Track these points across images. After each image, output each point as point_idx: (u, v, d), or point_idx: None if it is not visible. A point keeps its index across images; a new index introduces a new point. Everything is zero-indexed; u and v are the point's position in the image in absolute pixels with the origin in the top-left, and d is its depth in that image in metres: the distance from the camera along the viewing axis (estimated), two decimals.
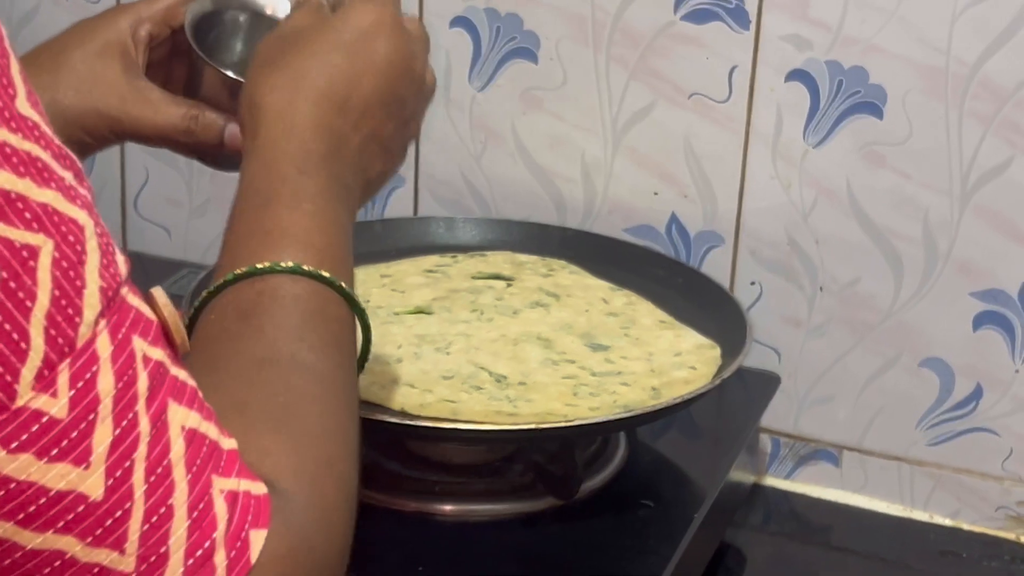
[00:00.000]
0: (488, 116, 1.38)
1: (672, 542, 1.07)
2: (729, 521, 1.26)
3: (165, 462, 0.60)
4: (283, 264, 0.74)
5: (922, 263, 1.28)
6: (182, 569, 0.60)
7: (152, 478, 0.59)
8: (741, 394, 1.30)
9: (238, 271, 0.75)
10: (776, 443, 1.38)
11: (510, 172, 1.39)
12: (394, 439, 1.14)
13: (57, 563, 0.58)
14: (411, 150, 0.93)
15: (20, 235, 0.55)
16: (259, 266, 0.74)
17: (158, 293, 0.63)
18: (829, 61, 1.26)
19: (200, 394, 0.64)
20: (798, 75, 1.27)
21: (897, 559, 1.29)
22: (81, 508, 0.58)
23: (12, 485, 0.56)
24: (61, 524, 0.58)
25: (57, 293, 0.57)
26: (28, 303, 0.56)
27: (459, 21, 1.36)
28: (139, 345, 0.60)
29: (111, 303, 0.59)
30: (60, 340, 0.57)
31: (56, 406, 0.57)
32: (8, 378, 0.55)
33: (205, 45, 0.96)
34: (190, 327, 0.75)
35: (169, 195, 1.51)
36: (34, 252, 0.56)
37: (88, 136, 0.94)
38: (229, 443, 0.64)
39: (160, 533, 0.59)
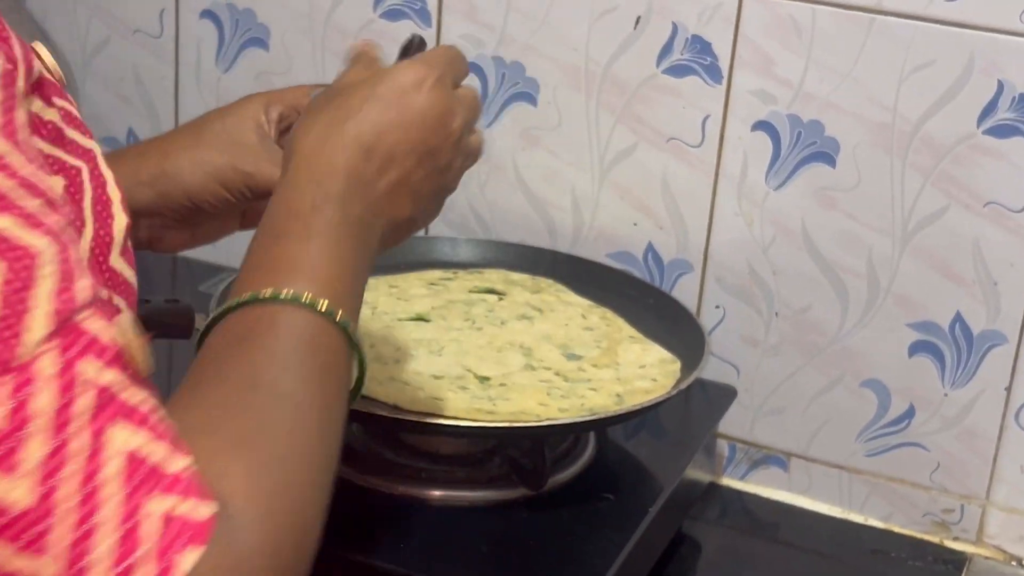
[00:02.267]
0: (492, 150, 1.37)
1: (628, 531, 1.08)
2: (685, 515, 1.27)
3: (97, 479, 0.58)
4: (283, 294, 0.72)
5: (865, 295, 1.29)
6: None
7: (83, 493, 0.58)
8: (703, 403, 1.31)
9: (241, 298, 0.72)
10: (732, 448, 1.38)
11: (509, 200, 1.40)
12: (388, 430, 1.15)
13: None
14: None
15: None
16: (261, 295, 0.72)
17: (125, 318, 0.63)
18: (790, 115, 1.27)
19: (155, 415, 0.61)
20: (763, 126, 1.28)
21: (834, 555, 1.30)
22: (9, 516, 0.57)
23: None
24: None
25: (3, 314, 0.56)
26: None
27: (471, 67, 1.35)
28: (88, 367, 0.59)
29: (63, 327, 0.58)
30: (2, 357, 0.56)
31: None
32: None
33: None
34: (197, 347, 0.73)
35: None
36: None
37: (226, 191, 0.95)
38: (180, 463, 0.61)
39: (85, 544, 0.57)
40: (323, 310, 0.72)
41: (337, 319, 0.73)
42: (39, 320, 0.57)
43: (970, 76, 1.20)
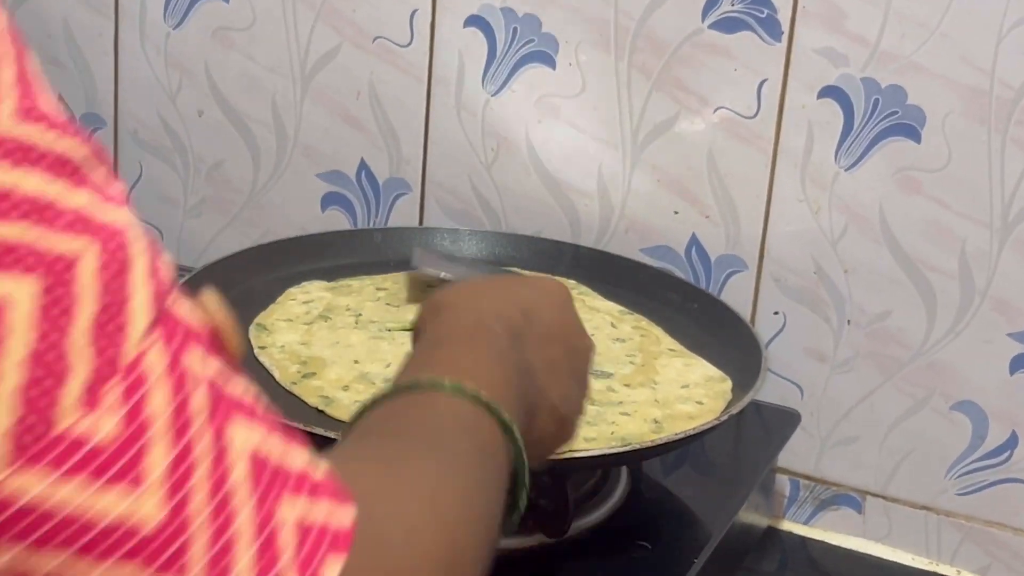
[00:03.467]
0: (501, 122, 1.40)
1: None
2: (739, 566, 1.27)
3: (227, 486, 0.59)
4: (446, 382, 0.77)
5: (957, 298, 1.29)
6: None
7: (214, 502, 0.59)
8: (759, 431, 1.32)
9: (400, 383, 0.78)
10: (795, 485, 1.39)
11: (522, 183, 1.41)
12: None
13: None
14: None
15: (59, 241, 0.55)
16: (422, 380, 0.77)
17: (209, 299, 0.63)
18: (865, 78, 1.27)
19: (260, 405, 0.63)
20: (831, 92, 1.28)
21: None
22: (140, 535, 0.57)
23: (63, 514, 0.56)
24: (120, 553, 0.57)
25: (105, 302, 0.56)
26: (72, 314, 0.55)
27: (474, 20, 1.39)
28: (192, 359, 0.60)
29: (162, 313, 0.59)
30: (108, 355, 0.56)
31: (106, 426, 0.56)
32: (44, 402, 0.55)
33: None
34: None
35: (163, 193, 1.55)
36: (73, 260, 0.56)
37: None
38: (299, 457, 0.63)
39: (224, 562, 0.59)
40: (489, 405, 0.78)
41: (503, 418, 0.78)
42: (141, 309, 0.58)
43: None
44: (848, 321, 1.33)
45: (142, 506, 0.57)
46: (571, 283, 1.33)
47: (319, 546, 0.61)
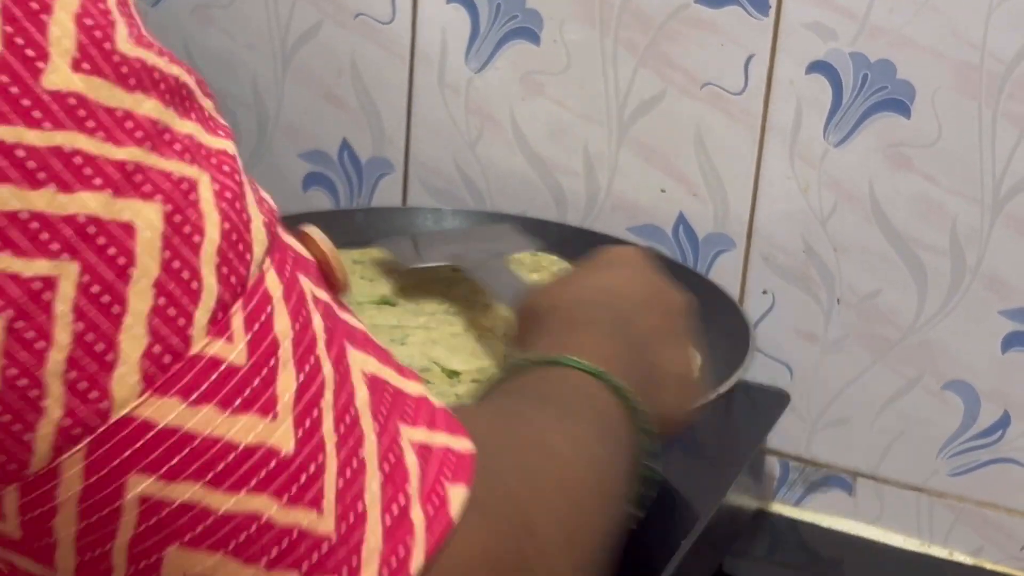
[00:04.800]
0: (485, 100, 1.40)
1: (655, 570, 1.07)
2: (727, 550, 1.28)
3: (352, 410, 0.59)
4: (555, 356, 0.80)
5: (948, 276, 1.29)
6: (381, 529, 0.59)
7: (341, 427, 0.59)
8: (748, 412, 1.33)
9: (509, 365, 0.81)
10: (785, 467, 1.39)
11: (507, 162, 1.41)
12: None
13: (253, 527, 0.57)
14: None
15: (177, 167, 0.55)
16: (531, 357, 0.81)
17: (313, 231, 0.64)
18: (854, 53, 1.27)
19: (371, 337, 0.64)
20: (820, 67, 1.28)
21: None
22: (273, 464, 0.57)
23: (196, 441, 0.55)
24: (254, 482, 0.56)
25: (227, 226, 0.56)
26: (196, 238, 0.55)
27: None
28: (307, 284, 0.60)
29: (274, 239, 0.59)
30: (233, 279, 0.56)
31: (234, 351, 0.56)
32: (181, 322, 0.55)
33: None
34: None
35: None
36: (192, 184, 0.55)
37: None
38: (415, 387, 0.64)
39: (355, 489, 0.58)
40: (616, 384, 0.79)
41: (615, 383, 0.80)
42: (258, 233, 0.58)
43: None
44: (838, 300, 1.34)
45: (274, 432, 0.56)
46: (552, 258, 1.32)
47: (443, 472, 0.61)
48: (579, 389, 0.79)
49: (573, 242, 1.35)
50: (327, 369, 0.59)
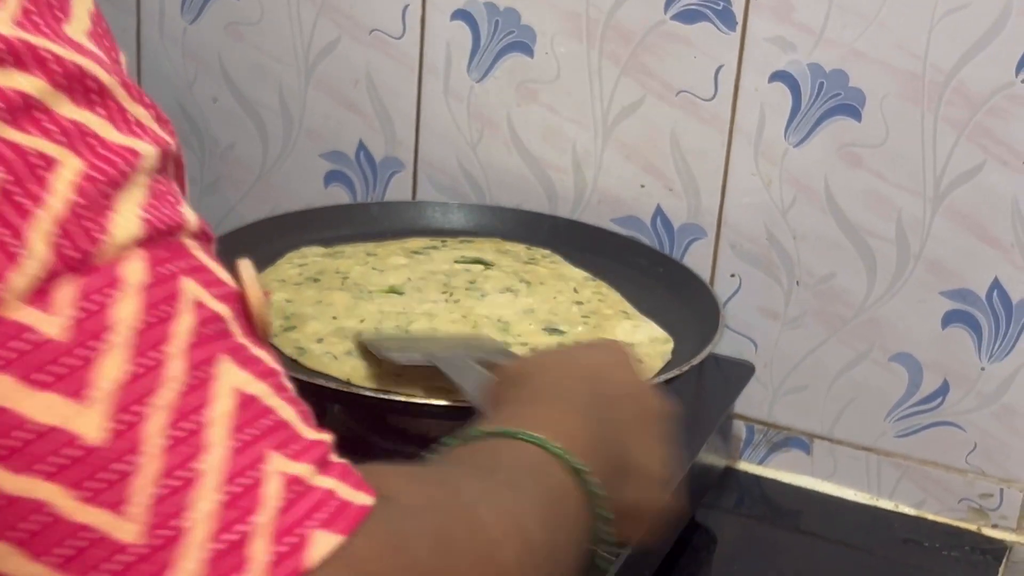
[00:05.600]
0: (485, 106, 1.42)
1: None
2: (699, 503, 1.30)
3: (199, 418, 0.52)
4: (512, 430, 0.70)
5: (894, 261, 1.31)
6: (203, 554, 0.51)
7: (176, 432, 0.51)
8: (718, 381, 1.34)
9: (465, 434, 0.71)
10: (750, 429, 1.42)
11: (504, 161, 1.43)
12: (372, 412, 1.15)
13: (38, 516, 0.50)
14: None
15: (34, 143, 0.52)
16: (489, 430, 0.70)
17: (243, 266, 0.59)
18: (811, 64, 1.29)
19: (283, 378, 0.56)
20: (781, 76, 1.31)
21: (862, 545, 1.33)
22: (71, 450, 0.50)
23: None
24: (45, 466, 0.50)
25: (78, 204, 0.52)
26: (29, 205, 0.51)
27: (460, 14, 1.40)
28: (193, 288, 0.54)
29: (159, 238, 0.54)
30: (71, 253, 0.51)
31: (50, 323, 0.50)
32: None
33: None
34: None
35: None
36: (50, 162, 0.52)
37: None
38: (316, 435, 0.56)
39: (179, 501, 0.51)
40: (554, 449, 0.70)
41: (574, 463, 0.70)
42: (127, 223, 0.53)
43: (1008, 20, 1.22)
44: (797, 282, 1.36)
45: (78, 416, 0.50)
46: (545, 252, 1.36)
47: (315, 515, 0.53)
48: (532, 466, 0.68)
49: (563, 233, 1.39)
50: (175, 370, 0.52)
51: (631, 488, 0.77)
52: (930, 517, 1.38)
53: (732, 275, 1.40)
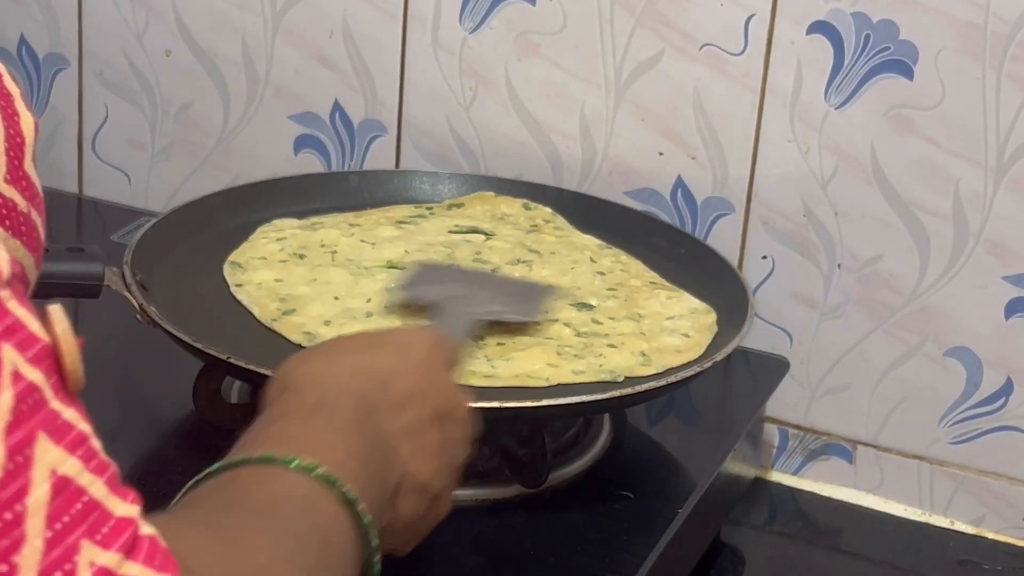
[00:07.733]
0: (479, 61, 1.41)
1: (652, 538, 1.07)
2: (725, 518, 1.29)
3: (18, 507, 0.54)
4: (281, 456, 0.73)
5: (951, 241, 1.30)
6: None
7: None
8: (746, 379, 1.34)
9: (230, 459, 0.73)
10: (784, 434, 1.40)
11: (502, 124, 1.42)
12: None
13: None
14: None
15: None
16: (254, 455, 0.73)
17: (55, 312, 0.59)
18: (856, 13, 1.27)
19: (92, 441, 0.58)
20: (821, 27, 1.29)
21: (912, 567, 1.32)
22: None
23: None
24: None
25: None
26: None
27: None
28: (11, 357, 0.55)
29: None
30: None
31: None
32: None
33: None
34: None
35: (130, 136, 1.55)
36: None
37: None
38: (125, 508, 0.58)
39: None
40: (324, 476, 0.74)
41: (344, 492, 0.74)
42: None
43: None
44: (839, 265, 1.34)
45: None
46: (547, 213, 1.35)
47: None
48: (305, 504, 0.73)
49: (570, 207, 1.38)
50: None
51: (402, 502, 0.82)
52: (990, 536, 1.36)
53: (764, 257, 1.38)
